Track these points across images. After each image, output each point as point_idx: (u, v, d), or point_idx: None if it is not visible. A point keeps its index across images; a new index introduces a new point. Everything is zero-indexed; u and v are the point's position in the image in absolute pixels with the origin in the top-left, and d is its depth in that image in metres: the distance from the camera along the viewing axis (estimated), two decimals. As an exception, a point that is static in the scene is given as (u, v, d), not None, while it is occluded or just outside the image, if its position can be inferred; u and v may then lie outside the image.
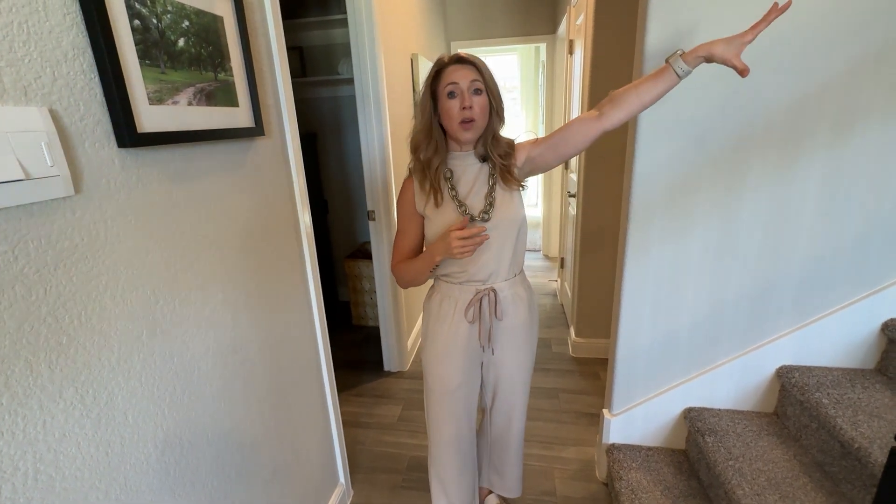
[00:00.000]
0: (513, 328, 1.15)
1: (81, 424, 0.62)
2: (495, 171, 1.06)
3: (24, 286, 0.54)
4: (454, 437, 1.24)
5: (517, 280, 1.15)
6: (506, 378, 1.22)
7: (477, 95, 0.98)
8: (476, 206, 1.05)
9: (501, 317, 1.12)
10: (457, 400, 1.20)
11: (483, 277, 1.09)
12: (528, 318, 1.18)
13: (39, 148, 0.55)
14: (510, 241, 1.08)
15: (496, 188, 1.06)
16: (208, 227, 0.87)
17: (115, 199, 0.67)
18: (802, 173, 1.22)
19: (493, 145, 1.05)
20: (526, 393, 1.28)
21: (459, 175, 1.07)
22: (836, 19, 1.10)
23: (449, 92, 0.98)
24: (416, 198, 1.09)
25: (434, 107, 1.02)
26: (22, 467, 0.54)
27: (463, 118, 0.98)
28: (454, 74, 0.97)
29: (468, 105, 0.97)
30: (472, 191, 1.06)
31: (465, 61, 0.98)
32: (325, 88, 2.83)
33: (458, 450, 1.26)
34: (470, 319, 1.11)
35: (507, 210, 1.06)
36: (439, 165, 1.05)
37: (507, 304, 1.12)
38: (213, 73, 0.85)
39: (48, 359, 0.57)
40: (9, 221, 0.53)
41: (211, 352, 0.88)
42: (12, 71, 0.53)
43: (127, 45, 0.66)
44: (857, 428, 1.10)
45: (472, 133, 1.01)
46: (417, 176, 1.08)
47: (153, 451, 0.74)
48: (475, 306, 1.09)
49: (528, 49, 5.77)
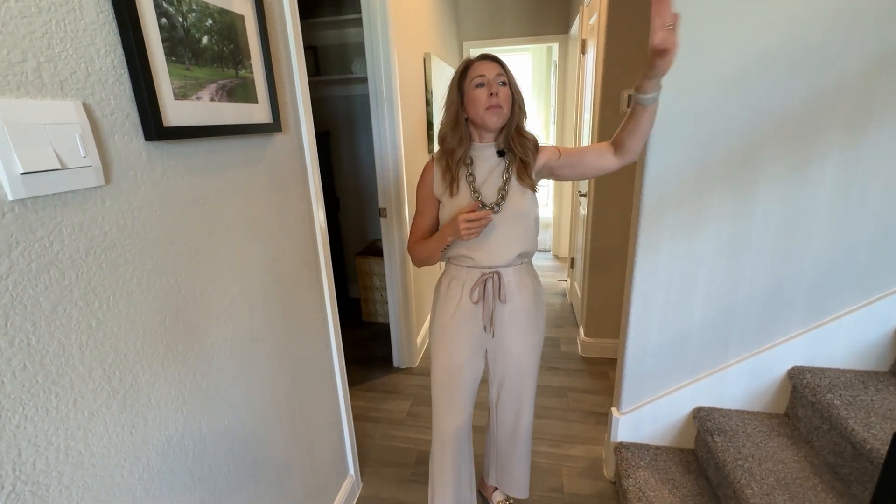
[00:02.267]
0: (516, 312, 1.19)
1: (108, 405, 0.65)
2: (512, 168, 1.12)
3: (59, 270, 0.57)
4: (455, 432, 1.27)
5: (523, 269, 1.19)
6: (513, 363, 1.24)
7: (503, 87, 1.06)
8: (489, 197, 1.11)
9: (505, 300, 1.16)
10: (461, 383, 1.23)
11: (489, 264, 1.14)
12: (533, 304, 1.20)
13: (74, 140, 0.58)
14: (517, 233, 1.13)
15: (510, 183, 1.11)
16: (227, 220, 0.90)
17: (142, 190, 0.70)
18: (816, 173, 1.21)
19: (516, 138, 1.11)
20: (533, 386, 1.29)
21: (478, 164, 1.13)
22: (851, 19, 1.10)
23: (477, 83, 1.06)
24: (435, 183, 1.16)
25: (461, 102, 1.09)
26: (55, 442, 0.57)
27: (490, 104, 1.05)
28: (482, 68, 1.06)
29: (495, 92, 1.04)
30: (487, 181, 1.12)
31: (491, 58, 1.07)
32: (339, 87, 2.87)
33: (458, 444, 1.29)
34: (475, 300, 1.16)
35: (518, 205, 1.11)
36: (462, 156, 1.12)
37: (511, 289, 1.17)
38: (234, 70, 0.88)
39: (79, 340, 0.60)
40: (45, 209, 0.56)
41: (229, 341, 0.91)
42: (50, 66, 0.56)
43: (155, 43, 0.69)
44: (870, 430, 1.09)
45: (499, 118, 1.07)
46: (441, 163, 1.14)
47: (174, 433, 0.77)
48: (480, 287, 1.15)
49: (540, 49, 5.76)
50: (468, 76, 1.07)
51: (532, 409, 1.33)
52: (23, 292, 0.53)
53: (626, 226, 2.19)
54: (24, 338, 0.54)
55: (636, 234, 1.35)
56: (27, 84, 0.54)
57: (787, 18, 1.11)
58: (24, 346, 0.54)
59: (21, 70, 0.53)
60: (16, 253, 0.53)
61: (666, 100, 1.20)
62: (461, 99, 1.09)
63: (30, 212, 0.54)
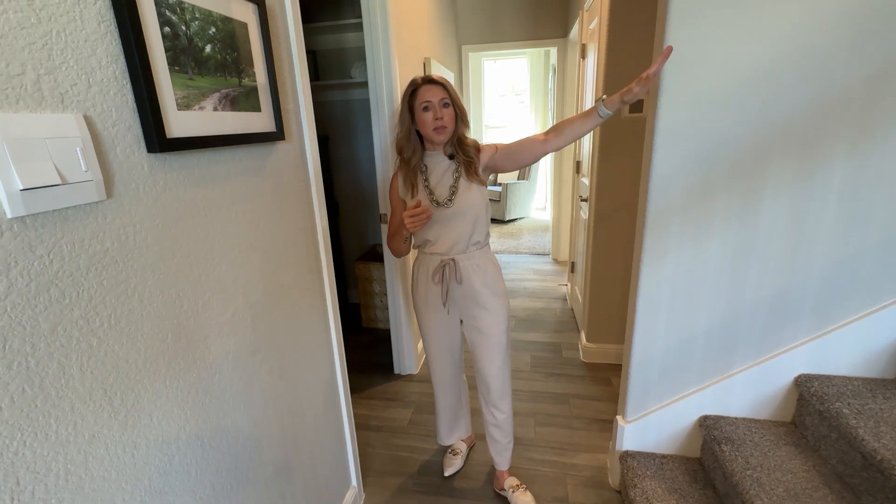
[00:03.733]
0: (473, 290, 1.40)
1: (109, 426, 0.63)
2: (460, 167, 1.33)
3: (59, 289, 0.55)
4: (441, 378, 1.60)
5: (478, 254, 1.39)
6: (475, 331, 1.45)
7: (446, 108, 1.27)
8: (442, 194, 1.34)
9: (461, 280, 1.38)
10: (439, 342, 1.53)
11: (444, 251, 1.38)
12: (491, 282, 1.41)
13: (75, 154, 0.56)
14: (469, 222, 1.35)
15: (460, 181, 1.33)
16: (230, 231, 0.88)
17: (144, 203, 0.68)
18: (823, 180, 1.20)
19: (459, 145, 1.33)
20: (502, 348, 1.46)
21: (432, 169, 1.36)
22: (858, 25, 1.09)
23: (424, 107, 1.26)
24: (400, 187, 1.39)
25: (412, 118, 1.29)
26: (54, 468, 0.55)
27: (436, 126, 1.26)
28: (427, 94, 1.26)
29: (440, 116, 1.26)
30: (440, 182, 1.34)
31: (435, 82, 1.27)
32: (338, 92, 2.85)
33: (445, 386, 1.62)
34: (435, 282, 1.40)
35: (467, 198, 1.33)
36: (417, 163, 1.35)
37: (468, 272, 1.38)
38: (237, 79, 0.86)
39: (79, 361, 0.58)
40: (45, 226, 0.54)
41: (231, 354, 0.89)
42: (50, 79, 0.54)
43: (157, 52, 0.67)
44: (880, 439, 1.08)
45: (445, 136, 1.29)
46: (401, 171, 1.37)
47: (176, 452, 0.75)
48: (439, 272, 1.38)
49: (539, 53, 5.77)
50: (417, 98, 1.26)
51: (505, 361, 1.48)
52: (21, 313, 0.51)
53: (627, 229, 2.19)
54: (22, 361, 0.52)
55: (641, 242, 1.34)
56: (26, 97, 0.52)
57: (794, 25, 1.11)
58: (23, 370, 0.52)
59: (20, 83, 0.51)
60: (14, 272, 0.51)
61: (672, 105, 1.20)
62: (412, 116, 1.29)
63: (29, 229, 0.52)
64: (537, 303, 3.26)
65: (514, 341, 2.68)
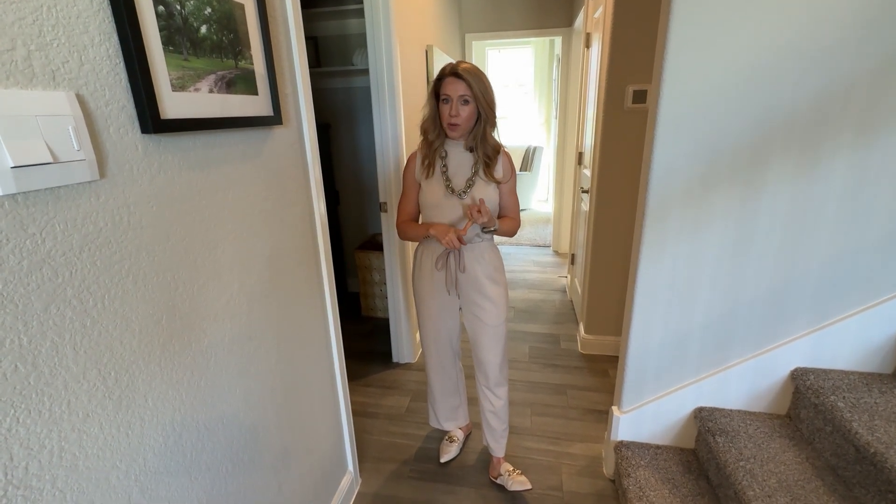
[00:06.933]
0: (474, 278, 1.42)
1: (104, 405, 0.63)
2: (479, 163, 1.34)
3: (51, 268, 0.55)
4: (437, 363, 1.60)
5: (483, 244, 1.41)
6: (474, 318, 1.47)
7: (465, 105, 1.26)
8: (459, 184, 1.35)
9: (465, 269, 1.41)
10: (438, 327, 1.53)
11: None
12: (492, 272, 1.42)
13: (67, 132, 0.56)
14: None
15: (478, 176, 1.34)
16: (226, 215, 0.88)
17: (138, 184, 0.68)
18: (824, 173, 1.19)
19: (481, 143, 1.33)
20: (501, 337, 1.48)
21: (451, 157, 1.36)
22: (865, 18, 1.07)
23: (443, 99, 1.28)
24: (417, 168, 1.39)
25: (437, 104, 1.31)
26: (48, 445, 0.56)
27: (449, 122, 1.27)
28: (448, 87, 1.25)
29: (455, 113, 1.26)
30: (457, 172, 1.36)
31: (460, 77, 1.24)
32: (339, 79, 2.83)
33: (440, 373, 1.63)
34: (438, 268, 1.42)
35: (483, 194, 1.33)
36: (439, 146, 1.36)
37: (470, 262, 1.41)
38: (233, 61, 0.85)
39: (73, 340, 0.58)
40: (37, 204, 0.53)
41: (227, 338, 0.89)
42: (41, 55, 0.53)
43: (151, 31, 0.66)
44: (874, 433, 1.08)
45: (457, 133, 1.30)
46: (422, 151, 1.37)
47: (171, 433, 0.76)
48: (443, 258, 1.41)
49: (543, 42, 5.70)
50: (441, 88, 1.27)
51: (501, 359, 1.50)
52: (14, 291, 0.51)
53: (628, 222, 2.18)
54: (15, 338, 0.52)
55: (640, 233, 1.33)
56: (17, 73, 0.51)
57: (799, 16, 1.09)
58: (16, 347, 0.52)
59: (10, 58, 0.50)
60: (6, 250, 0.51)
61: (674, 95, 1.19)
62: (437, 102, 1.30)
63: (20, 207, 0.52)
64: (537, 294, 3.26)
65: (513, 332, 2.68)
